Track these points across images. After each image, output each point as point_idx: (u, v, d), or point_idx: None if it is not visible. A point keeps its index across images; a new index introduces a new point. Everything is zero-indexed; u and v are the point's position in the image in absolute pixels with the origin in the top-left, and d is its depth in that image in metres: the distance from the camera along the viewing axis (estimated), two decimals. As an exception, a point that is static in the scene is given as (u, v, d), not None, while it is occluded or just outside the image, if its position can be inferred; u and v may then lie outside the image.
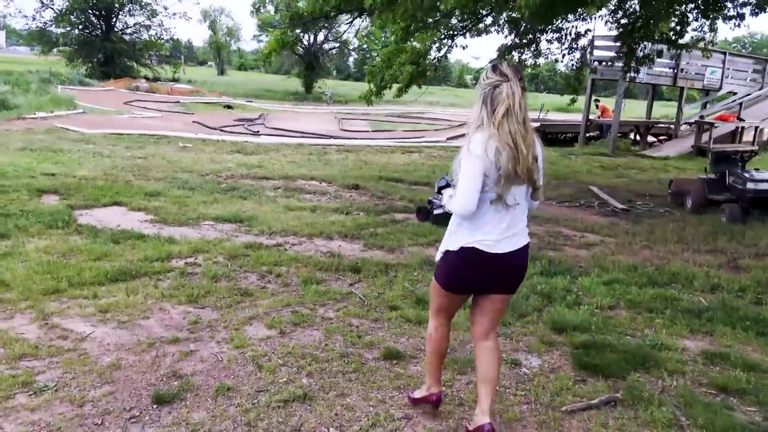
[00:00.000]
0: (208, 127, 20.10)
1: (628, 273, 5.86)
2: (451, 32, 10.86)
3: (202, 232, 6.83)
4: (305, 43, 42.83)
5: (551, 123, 21.17)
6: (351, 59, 75.02)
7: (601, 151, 17.49)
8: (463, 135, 17.04)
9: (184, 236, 6.58)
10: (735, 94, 19.75)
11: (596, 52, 15.36)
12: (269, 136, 17.42)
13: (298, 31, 11.45)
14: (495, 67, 2.82)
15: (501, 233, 2.82)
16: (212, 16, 63.19)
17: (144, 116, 21.45)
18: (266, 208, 8.17)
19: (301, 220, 7.47)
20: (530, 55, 13.29)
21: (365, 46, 53.91)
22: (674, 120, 19.96)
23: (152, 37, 40.02)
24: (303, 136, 19.19)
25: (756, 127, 18.58)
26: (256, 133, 19.63)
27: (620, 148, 17.88)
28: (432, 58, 10.74)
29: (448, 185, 3.06)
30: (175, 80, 39.42)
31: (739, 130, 18.19)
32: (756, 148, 14.89)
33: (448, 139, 18.44)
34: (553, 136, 19.17)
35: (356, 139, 18.73)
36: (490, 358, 3.02)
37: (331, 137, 19.29)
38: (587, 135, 18.93)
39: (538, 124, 18.50)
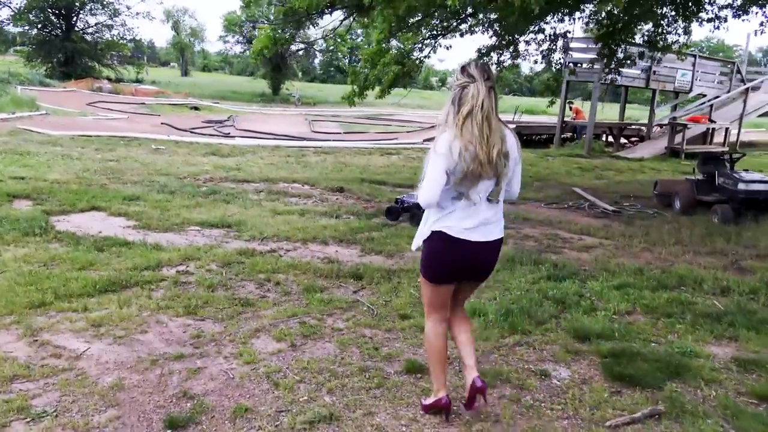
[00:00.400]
0: (177, 128, 19.59)
1: (635, 276, 5.72)
2: (434, 32, 10.66)
3: (190, 238, 6.50)
4: (272, 44, 42.34)
5: (526, 125, 21.18)
6: (317, 61, 74.67)
7: (576, 152, 17.51)
8: (430, 139, 16.91)
9: (171, 243, 6.24)
10: (704, 96, 20.02)
11: (574, 54, 15.38)
12: (242, 138, 17.00)
13: (290, 28, 11.03)
14: (463, 68, 2.94)
15: (468, 224, 2.96)
16: (175, 17, 62.13)
17: (109, 118, 20.83)
18: (252, 212, 7.86)
19: (291, 225, 7.18)
20: (508, 56, 13.20)
21: (332, 47, 53.67)
22: (647, 122, 20.11)
23: (114, 37, 39.02)
24: (276, 138, 18.83)
25: (726, 129, 18.86)
26: (228, 135, 19.22)
27: (595, 150, 17.94)
28: (414, 58, 10.52)
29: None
30: (139, 81, 38.53)
31: (710, 131, 18.43)
32: (743, 152, 15.06)
33: (424, 140, 18.26)
34: (528, 137, 19.17)
35: (332, 140, 18.44)
36: (462, 323, 3.31)
37: (303, 139, 18.99)
38: (561, 136, 18.96)
39: (513, 126, 18.46)
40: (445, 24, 10.88)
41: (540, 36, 12.35)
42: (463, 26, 11.62)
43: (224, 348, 3.98)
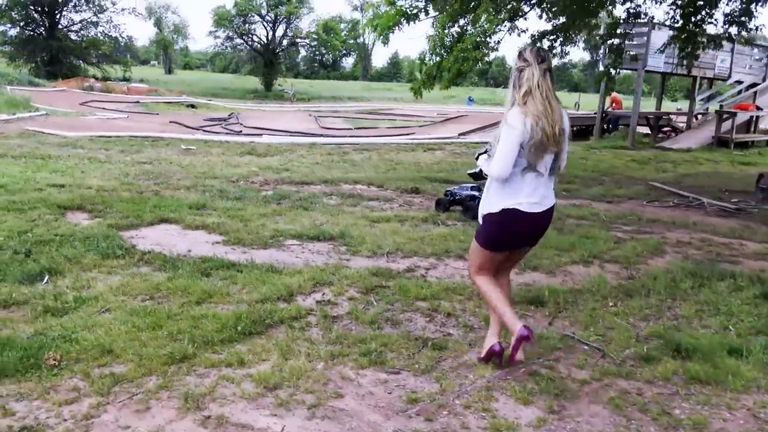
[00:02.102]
0: (187, 126, 18.41)
1: None
2: (510, 14, 9.62)
3: (299, 256, 5.41)
4: (264, 39, 41.02)
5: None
6: (300, 56, 73.10)
7: (619, 143, 16.60)
8: (473, 130, 15.93)
9: (283, 263, 5.14)
10: (741, 83, 19.24)
11: (636, 40, 14.41)
12: (270, 136, 15.82)
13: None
14: (520, 53, 3.23)
15: (535, 197, 3.17)
16: (157, 13, 60.11)
17: (112, 117, 19.48)
18: (343, 220, 6.76)
19: (404, 236, 6.11)
20: (559, 43, 12.21)
21: (314, 42, 52.26)
22: (688, 111, 19.25)
23: (100, 35, 37.34)
24: (291, 135, 17.73)
25: (773, 116, 18.14)
26: (239, 133, 18.08)
27: (636, 141, 17.05)
28: (492, 42, 9.47)
29: (485, 152, 3.34)
30: (126, 79, 36.89)
31: (754, 119, 17.66)
32: None
33: (460, 135, 17.27)
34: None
35: (362, 137, 17.37)
36: (505, 289, 3.52)
37: (318, 135, 17.93)
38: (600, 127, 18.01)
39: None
40: (514, 4, 9.82)
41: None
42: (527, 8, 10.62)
43: (465, 419, 2.92)
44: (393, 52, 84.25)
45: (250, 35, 40.83)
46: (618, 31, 11.73)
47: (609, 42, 11.97)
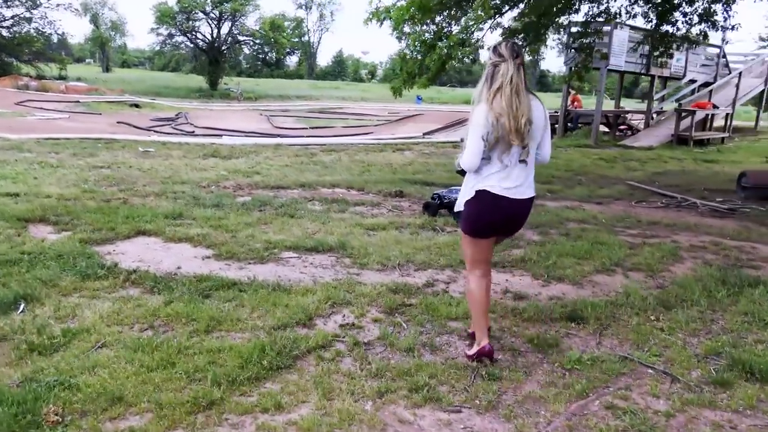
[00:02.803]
0: (137, 127, 17.54)
1: None
2: (493, 11, 9.28)
3: (303, 271, 4.92)
4: (208, 37, 39.78)
5: None
6: (242, 55, 71.52)
7: (583, 142, 16.57)
8: (438, 129, 15.62)
9: (287, 279, 4.65)
10: (695, 81, 19.53)
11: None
12: (229, 137, 15.11)
13: None
14: (495, 48, 3.28)
15: (507, 183, 3.27)
16: (94, 9, 57.44)
17: (55, 118, 18.34)
18: (336, 228, 6.29)
19: (407, 245, 5.68)
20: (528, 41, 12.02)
21: (258, 40, 51.11)
22: (646, 109, 19.42)
23: (33, 31, 35.43)
24: (248, 136, 17.07)
25: (727, 114, 18.42)
26: (192, 133, 17.33)
27: (598, 139, 17.07)
28: (474, 39, 9.13)
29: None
30: (62, 78, 35.13)
31: (710, 117, 17.93)
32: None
33: (424, 134, 16.92)
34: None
35: (326, 137, 16.87)
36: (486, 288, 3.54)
37: (275, 135, 17.37)
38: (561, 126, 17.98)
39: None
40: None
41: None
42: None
43: (559, 469, 2.52)
44: (337, 50, 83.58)
45: (194, 33, 39.51)
46: (588, 30, 11.61)
47: (579, 41, 11.81)
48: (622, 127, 19.88)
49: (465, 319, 3.97)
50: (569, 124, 18.10)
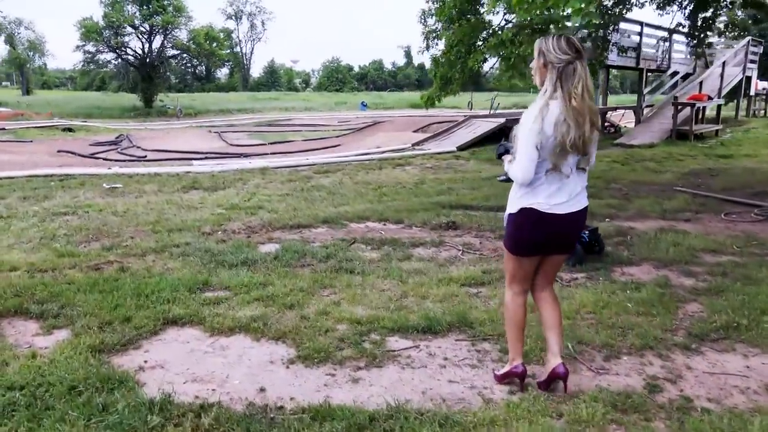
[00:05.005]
0: (78, 155, 15.51)
1: None
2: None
3: (445, 375, 3.33)
4: (139, 52, 37.17)
5: (511, 117, 18.89)
6: (169, 70, 68.32)
7: (581, 144, 15.44)
8: (426, 139, 14.17)
9: (439, 398, 3.05)
10: (677, 73, 18.76)
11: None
12: (201, 164, 13.20)
13: None
14: (568, 40, 2.81)
15: (558, 197, 2.90)
16: (9, 29, 53.11)
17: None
18: (422, 287, 4.71)
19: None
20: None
21: (191, 54, 48.59)
22: (636, 105, 18.48)
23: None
24: (207, 157, 15.30)
25: (719, 106, 17.66)
26: (144, 158, 15.43)
27: (593, 139, 15.98)
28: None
29: (507, 152, 3.10)
30: (-24, 104, 32.02)
31: (701, 109, 17.13)
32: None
33: (413, 145, 15.40)
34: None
35: (287, 152, 15.21)
36: (551, 306, 3.16)
37: (241, 156, 15.68)
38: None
39: (503, 120, 16.09)
40: None
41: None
42: None
43: None
44: (269, 60, 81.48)
45: (123, 48, 36.81)
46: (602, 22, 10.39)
47: (595, 33, 10.60)
48: (605, 124, 18.92)
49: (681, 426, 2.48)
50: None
